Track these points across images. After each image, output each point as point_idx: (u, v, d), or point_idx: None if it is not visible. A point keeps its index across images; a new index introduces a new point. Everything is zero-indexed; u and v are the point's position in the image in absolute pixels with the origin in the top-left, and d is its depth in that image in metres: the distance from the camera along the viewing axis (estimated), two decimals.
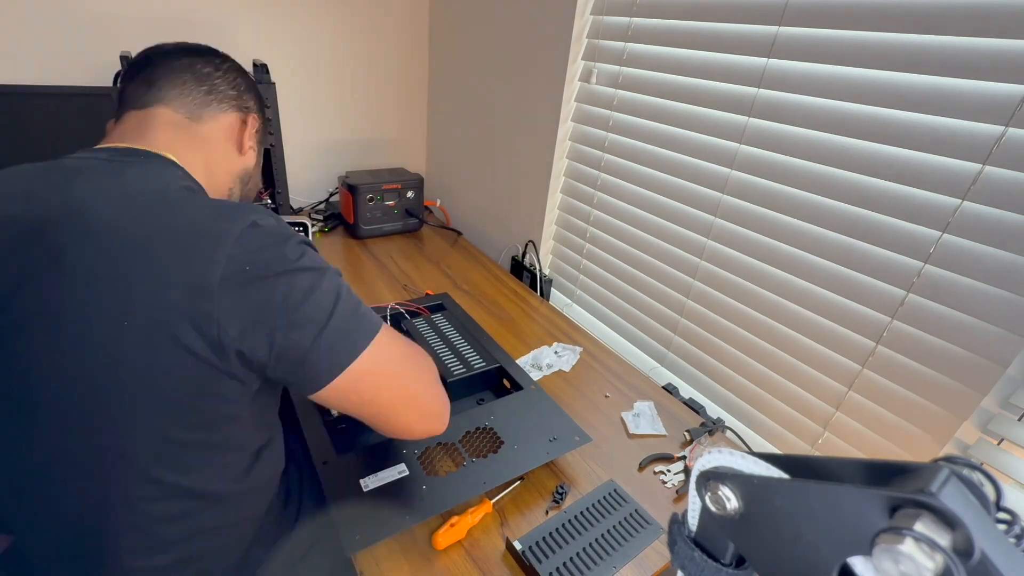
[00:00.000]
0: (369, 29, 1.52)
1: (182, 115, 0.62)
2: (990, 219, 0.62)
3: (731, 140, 0.88)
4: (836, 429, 0.83)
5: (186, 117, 0.62)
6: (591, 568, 0.63)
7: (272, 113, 1.18)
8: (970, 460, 0.25)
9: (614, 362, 1.04)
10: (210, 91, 0.65)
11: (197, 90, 0.64)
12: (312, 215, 1.53)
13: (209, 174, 0.64)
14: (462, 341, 0.95)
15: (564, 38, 1.11)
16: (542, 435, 0.76)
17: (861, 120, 0.72)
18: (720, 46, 0.87)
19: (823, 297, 0.80)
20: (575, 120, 1.20)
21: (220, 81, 0.66)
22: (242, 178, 0.71)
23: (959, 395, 0.68)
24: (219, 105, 0.66)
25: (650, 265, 1.09)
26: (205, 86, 0.65)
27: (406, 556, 0.63)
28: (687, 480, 0.62)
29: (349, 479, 0.65)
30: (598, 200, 1.18)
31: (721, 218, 0.93)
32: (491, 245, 1.52)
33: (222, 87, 0.66)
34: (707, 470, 0.33)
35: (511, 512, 0.70)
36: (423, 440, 0.73)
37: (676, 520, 0.38)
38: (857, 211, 0.74)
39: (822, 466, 0.29)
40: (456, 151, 1.64)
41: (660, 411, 0.91)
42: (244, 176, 0.71)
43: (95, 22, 1.15)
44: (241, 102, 0.69)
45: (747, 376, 0.95)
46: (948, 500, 0.22)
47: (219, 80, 0.66)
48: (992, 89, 0.60)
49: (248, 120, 0.69)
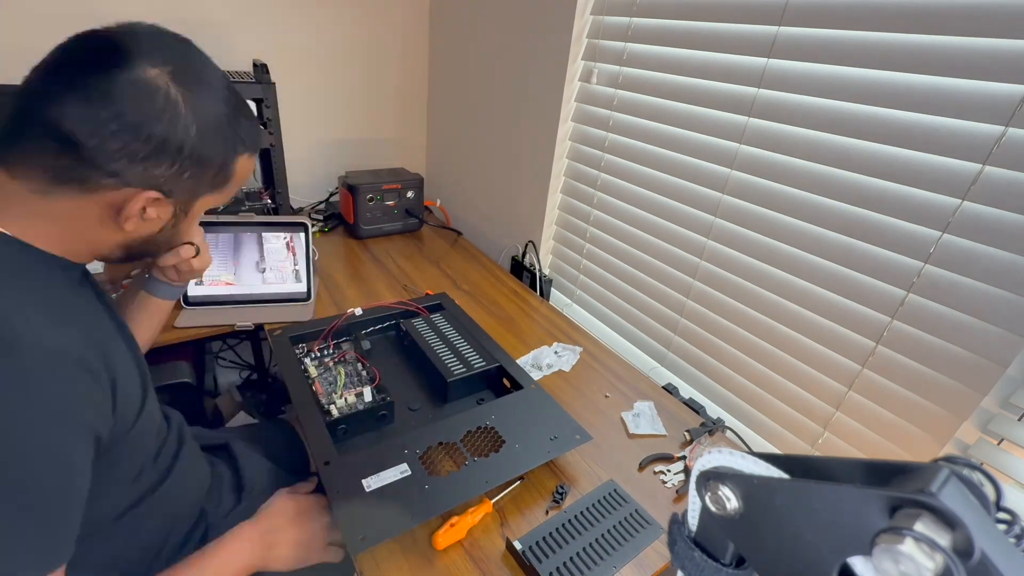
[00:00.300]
0: (369, 29, 1.52)
1: (18, 184, 0.46)
2: (990, 219, 0.62)
3: (731, 140, 0.88)
4: (836, 429, 0.83)
5: (26, 190, 0.46)
6: (591, 568, 0.63)
7: (272, 113, 1.18)
8: (970, 460, 0.25)
9: (614, 362, 1.04)
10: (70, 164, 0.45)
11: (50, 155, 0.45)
12: (312, 215, 1.53)
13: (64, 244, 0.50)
14: (461, 341, 0.95)
15: (564, 38, 1.11)
16: (543, 434, 0.76)
17: (861, 120, 0.72)
18: (720, 46, 0.87)
19: (823, 297, 0.80)
20: (575, 120, 1.20)
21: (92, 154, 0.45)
22: (127, 246, 0.54)
23: (959, 395, 0.68)
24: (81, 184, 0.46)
25: (650, 265, 1.09)
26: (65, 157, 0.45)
27: (406, 556, 0.63)
28: (687, 480, 0.62)
29: (351, 479, 0.66)
30: (598, 200, 1.18)
31: (721, 218, 0.93)
32: (491, 245, 1.52)
33: (95, 157, 0.45)
34: (707, 470, 0.33)
35: (511, 512, 0.70)
36: (424, 439, 0.73)
37: (676, 520, 0.38)
38: (857, 211, 0.74)
39: (822, 466, 0.29)
40: (456, 151, 1.64)
41: (660, 411, 0.91)
42: (131, 244, 0.54)
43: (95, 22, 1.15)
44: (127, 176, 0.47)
45: (747, 376, 0.95)
46: (948, 500, 0.22)
47: (89, 153, 0.45)
48: (992, 89, 0.60)
49: (134, 202, 0.48)
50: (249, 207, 1.26)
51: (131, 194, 0.48)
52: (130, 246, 0.55)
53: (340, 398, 0.80)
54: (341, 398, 0.80)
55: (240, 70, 1.27)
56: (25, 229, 0.47)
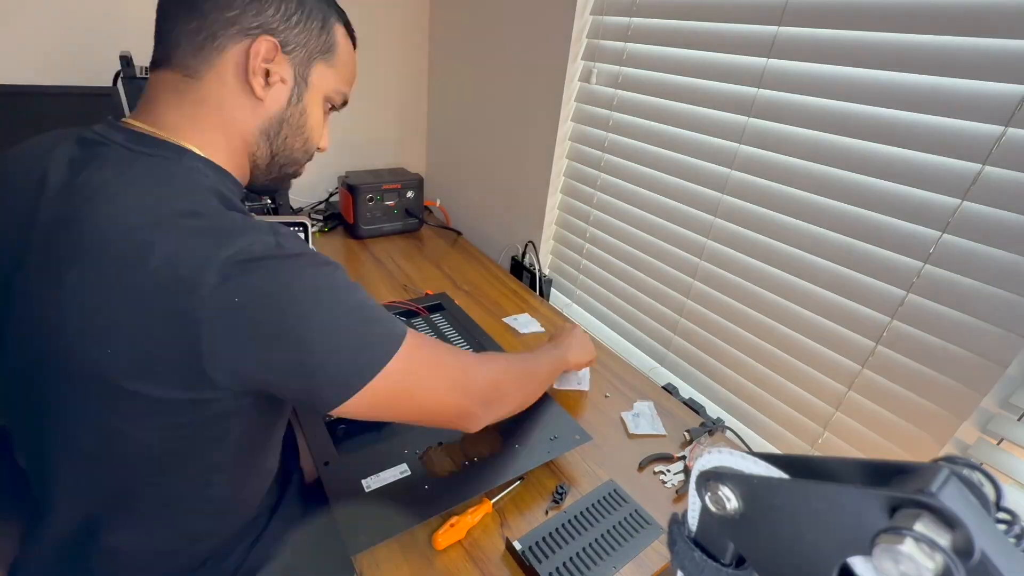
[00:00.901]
0: (369, 28, 1.52)
1: (179, 73, 0.50)
2: (990, 219, 0.62)
3: (731, 140, 0.88)
4: (836, 429, 0.83)
5: (182, 75, 0.50)
6: (591, 568, 0.63)
7: None
8: (970, 460, 0.25)
9: (614, 362, 1.04)
10: (200, 26, 0.49)
11: (186, 28, 0.49)
12: (312, 215, 1.53)
13: (231, 151, 0.54)
14: (461, 341, 0.95)
15: (564, 38, 1.11)
16: (543, 434, 0.76)
17: (861, 120, 0.72)
18: (720, 46, 0.87)
19: (823, 297, 0.80)
20: (575, 120, 1.20)
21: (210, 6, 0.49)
22: (267, 132, 0.56)
23: (959, 395, 0.68)
24: (213, 43, 0.50)
25: (650, 265, 1.09)
26: (194, 20, 0.49)
27: (406, 556, 0.63)
28: (687, 480, 0.62)
29: (350, 479, 0.66)
30: (598, 200, 1.18)
31: (721, 218, 0.93)
32: (491, 245, 1.52)
33: (212, 11, 0.49)
34: (707, 470, 0.33)
35: (511, 512, 0.70)
36: (424, 440, 0.73)
37: (676, 520, 0.38)
38: (857, 211, 0.74)
39: (822, 466, 0.29)
40: (456, 151, 1.64)
41: (660, 411, 0.91)
42: (269, 128, 0.56)
43: (95, 22, 1.15)
44: (244, 23, 0.50)
45: (747, 376, 0.95)
46: (948, 500, 0.22)
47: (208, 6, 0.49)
48: (992, 89, 0.60)
49: (255, 47, 0.51)
50: (249, 207, 1.26)
51: (251, 42, 0.51)
52: (269, 134, 0.56)
53: None
54: None
55: None
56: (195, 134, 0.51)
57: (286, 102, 0.56)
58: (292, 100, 0.56)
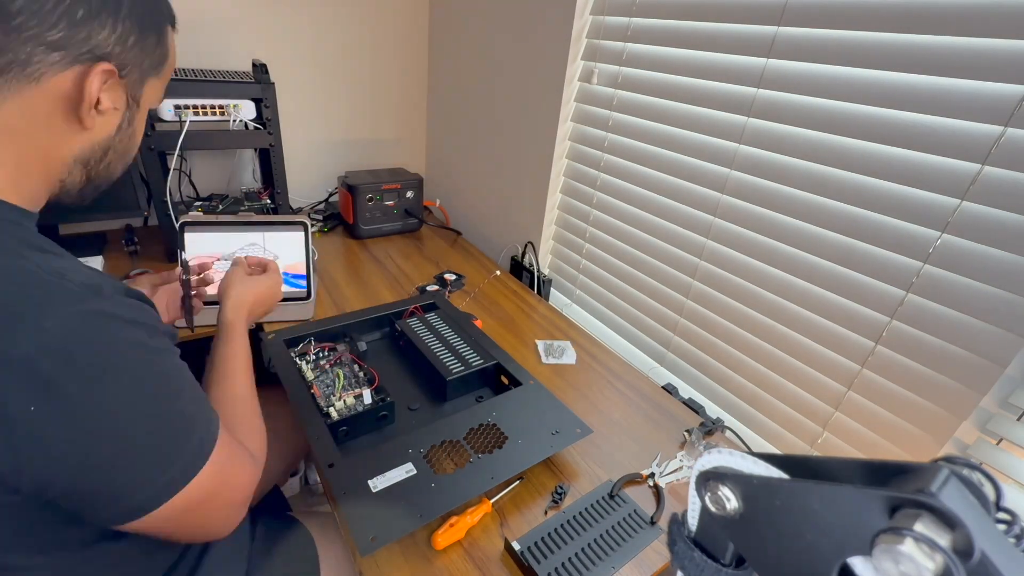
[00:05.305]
0: (369, 28, 1.52)
1: None
2: (989, 219, 0.62)
3: (730, 140, 0.88)
4: (836, 429, 0.83)
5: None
6: (590, 568, 0.63)
7: (272, 113, 1.17)
8: (970, 460, 0.25)
9: (613, 362, 1.04)
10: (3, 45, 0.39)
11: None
12: (311, 215, 1.53)
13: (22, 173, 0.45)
14: (458, 340, 0.95)
15: (564, 38, 1.11)
16: (544, 429, 0.76)
17: (861, 120, 0.72)
18: (719, 46, 0.87)
19: (823, 297, 0.80)
20: (575, 120, 1.20)
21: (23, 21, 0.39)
22: (86, 160, 0.49)
23: (958, 395, 0.68)
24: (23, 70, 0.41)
25: (649, 265, 1.09)
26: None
27: (406, 556, 0.63)
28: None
29: (357, 480, 0.66)
30: (598, 200, 1.18)
31: (720, 218, 0.93)
32: (491, 245, 1.52)
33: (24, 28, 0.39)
34: (707, 470, 0.33)
35: (510, 512, 0.70)
36: (427, 438, 0.73)
37: (676, 520, 0.38)
38: (857, 211, 0.74)
39: (822, 466, 0.29)
40: (456, 151, 1.64)
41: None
42: (90, 156, 0.49)
43: None
44: (72, 47, 0.42)
45: (747, 376, 0.95)
46: (948, 500, 0.22)
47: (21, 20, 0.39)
48: (992, 89, 0.60)
49: (90, 80, 0.43)
50: (248, 207, 1.26)
51: (83, 71, 0.43)
52: (88, 162, 0.49)
53: (339, 400, 0.80)
54: (340, 400, 0.80)
55: (240, 70, 1.27)
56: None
57: (115, 129, 0.50)
58: (123, 126, 0.51)
